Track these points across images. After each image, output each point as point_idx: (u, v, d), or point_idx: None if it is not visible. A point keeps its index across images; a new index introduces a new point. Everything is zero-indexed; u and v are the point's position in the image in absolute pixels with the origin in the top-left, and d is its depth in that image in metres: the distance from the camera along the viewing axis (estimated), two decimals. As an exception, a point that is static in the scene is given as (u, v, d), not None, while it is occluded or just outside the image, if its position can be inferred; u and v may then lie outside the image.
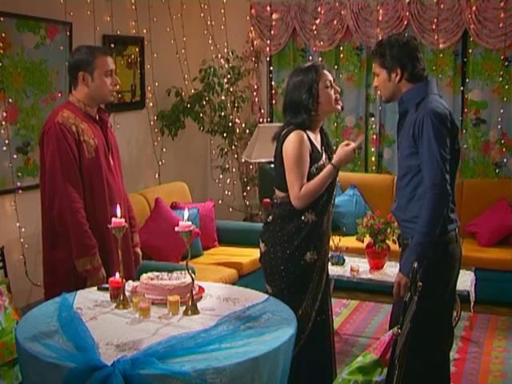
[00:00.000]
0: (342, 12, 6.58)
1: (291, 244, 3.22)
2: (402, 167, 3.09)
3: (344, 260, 4.93)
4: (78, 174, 3.18)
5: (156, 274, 2.87)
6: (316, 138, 3.28)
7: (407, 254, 2.95)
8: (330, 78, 3.27)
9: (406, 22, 6.35)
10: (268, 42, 6.94)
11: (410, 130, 2.98)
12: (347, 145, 3.21)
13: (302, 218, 3.21)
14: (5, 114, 4.73)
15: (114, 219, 2.76)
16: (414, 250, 2.92)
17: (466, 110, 6.39)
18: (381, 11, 6.43)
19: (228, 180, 7.05)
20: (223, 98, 6.59)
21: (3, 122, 4.73)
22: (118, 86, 3.41)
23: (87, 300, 2.81)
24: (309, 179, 3.17)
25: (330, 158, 3.29)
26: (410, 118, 3.04)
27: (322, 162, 3.22)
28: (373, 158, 6.73)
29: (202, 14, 6.69)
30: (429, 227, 2.90)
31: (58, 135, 3.16)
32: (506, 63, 6.17)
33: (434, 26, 6.22)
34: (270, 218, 3.31)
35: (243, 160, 6.59)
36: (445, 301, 3.10)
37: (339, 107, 3.32)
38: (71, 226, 3.13)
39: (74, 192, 3.13)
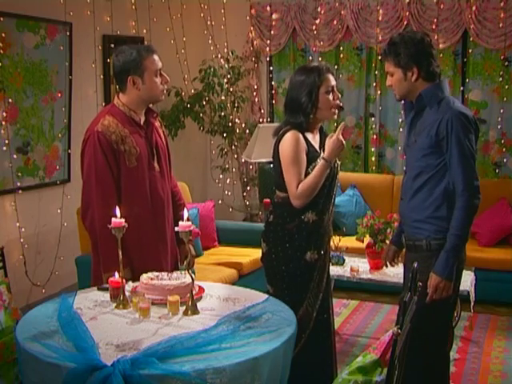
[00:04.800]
0: (342, 12, 6.58)
1: (292, 244, 3.22)
2: (416, 166, 3.03)
3: (344, 260, 4.92)
4: (113, 186, 3.09)
5: (156, 273, 2.86)
6: (314, 138, 3.27)
7: (444, 257, 2.89)
8: (333, 82, 3.22)
9: (405, 22, 6.36)
10: (268, 42, 6.94)
11: (431, 130, 2.93)
12: (331, 137, 3.15)
13: (303, 217, 3.20)
14: (5, 114, 4.74)
15: (113, 219, 2.75)
16: (453, 252, 2.90)
17: (465, 110, 6.39)
18: (381, 11, 6.43)
19: (228, 180, 7.06)
20: (223, 98, 6.60)
21: (3, 122, 4.74)
22: (167, 84, 3.27)
23: (87, 300, 2.81)
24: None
25: None
26: (429, 117, 2.98)
27: (319, 161, 3.21)
28: (373, 158, 6.74)
29: (202, 14, 6.69)
30: (465, 228, 2.89)
31: (96, 145, 3.06)
32: (506, 63, 6.17)
33: (433, 26, 6.23)
34: (271, 217, 3.30)
35: (243, 160, 6.60)
36: (451, 302, 3.08)
37: (334, 115, 3.28)
38: (100, 239, 3.07)
39: (107, 206, 2.99)
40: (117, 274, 2.79)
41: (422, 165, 2.99)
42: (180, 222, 2.68)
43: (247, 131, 6.78)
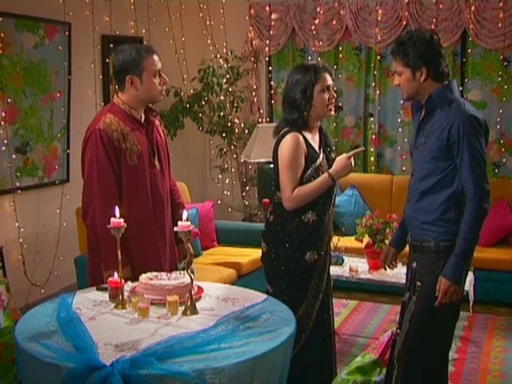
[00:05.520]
0: (341, 12, 6.58)
1: (292, 244, 3.22)
2: (425, 168, 2.99)
3: (343, 260, 4.92)
4: (115, 184, 3.09)
5: (155, 273, 2.86)
6: (313, 138, 3.27)
7: (454, 261, 2.87)
8: (329, 82, 3.23)
9: (404, 22, 6.36)
10: (267, 42, 6.94)
11: (442, 133, 2.89)
12: (343, 156, 3.17)
13: (303, 218, 3.20)
14: (4, 114, 4.73)
15: (112, 219, 2.75)
16: (463, 257, 2.88)
17: (465, 110, 6.39)
18: (380, 11, 6.43)
19: (227, 180, 7.06)
20: (222, 98, 6.60)
21: (2, 122, 4.74)
22: (166, 86, 3.29)
23: (86, 300, 2.81)
24: (305, 179, 3.16)
25: (328, 158, 3.29)
26: (439, 119, 2.94)
27: (319, 161, 3.21)
28: (372, 158, 6.74)
29: (201, 14, 6.69)
30: (475, 232, 2.87)
31: (98, 142, 3.07)
32: (505, 63, 6.17)
33: (432, 26, 6.22)
34: (272, 217, 3.31)
35: (242, 160, 6.60)
36: (456, 304, 3.06)
37: (331, 113, 3.28)
38: (101, 238, 3.06)
39: (109, 204, 2.98)
40: (116, 274, 2.79)
41: (431, 167, 2.96)
42: (179, 222, 2.68)
43: (246, 131, 6.78)
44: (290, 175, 3.14)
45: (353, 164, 3.18)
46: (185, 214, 2.74)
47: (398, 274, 4.55)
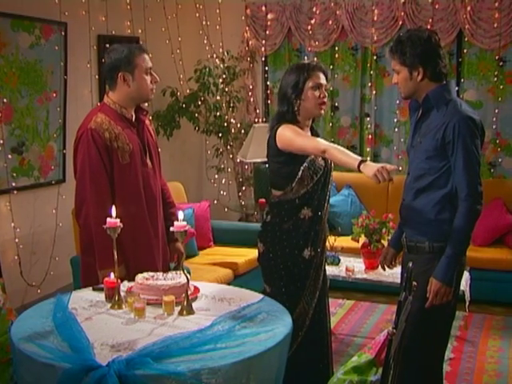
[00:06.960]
0: (337, 12, 6.59)
1: (290, 242, 3.23)
2: (420, 168, 2.99)
3: (339, 260, 4.92)
4: (107, 182, 3.10)
5: (151, 274, 2.86)
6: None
7: (446, 262, 2.87)
8: (322, 81, 3.23)
9: (400, 22, 6.37)
10: (263, 42, 6.94)
11: (438, 133, 2.89)
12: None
13: (299, 215, 3.22)
14: (-1, 114, 4.73)
15: (108, 219, 2.74)
16: (454, 258, 2.87)
17: (461, 110, 6.39)
18: (376, 11, 6.44)
19: (223, 180, 7.06)
20: (218, 98, 6.60)
21: (-2, 122, 4.73)
22: (157, 84, 3.29)
23: (82, 300, 2.81)
24: (302, 172, 3.17)
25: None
26: (435, 119, 2.93)
27: (313, 156, 3.21)
28: (368, 158, 6.71)
29: (198, 14, 6.69)
30: (467, 233, 2.87)
31: (89, 142, 3.07)
32: (501, 63, 6.18)
33: (428, 26, 6.21)
34: (269, 217, 3.30)
35: (238, 160, 6.60)
36: (452, 305, 3.05)
37: (321, 112, 3.27)
38: (96, 236, 3.06)
39: (102, 203, 3.01)
40: (112, 274, 2.79)
41: (426, 167, 2.96)
42: (175, 222, 2.69)
43: (242, 131, 6.79)
44: (304, 139, 3.12)
45: (379, 179, 2.84)
46: (180, 215, 2.74)
47: (394, 273, 4.54)
